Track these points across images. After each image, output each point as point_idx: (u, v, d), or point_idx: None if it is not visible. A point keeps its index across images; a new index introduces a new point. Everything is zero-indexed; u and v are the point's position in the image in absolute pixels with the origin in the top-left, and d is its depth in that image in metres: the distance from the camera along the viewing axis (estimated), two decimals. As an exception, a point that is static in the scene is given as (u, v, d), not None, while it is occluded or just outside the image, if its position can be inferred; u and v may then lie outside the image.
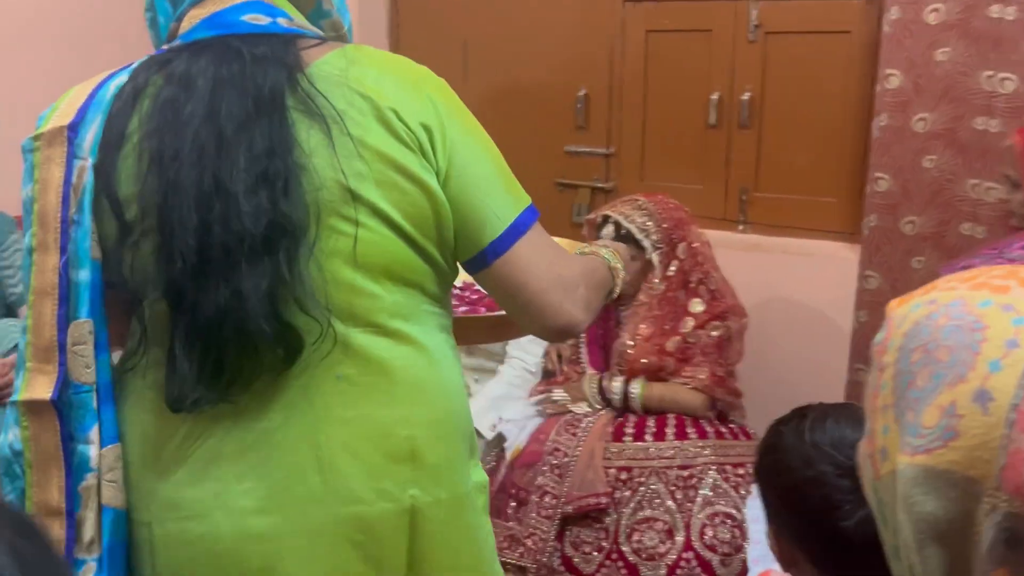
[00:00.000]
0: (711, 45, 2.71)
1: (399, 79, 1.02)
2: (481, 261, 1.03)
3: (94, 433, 0.97)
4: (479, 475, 1.13)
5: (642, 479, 2.10)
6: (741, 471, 2.12)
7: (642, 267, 2.26)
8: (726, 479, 2.10)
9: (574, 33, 2.93)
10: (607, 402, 2.26)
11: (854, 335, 2.52)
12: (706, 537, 2.02)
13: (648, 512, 2.05)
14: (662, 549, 2.00)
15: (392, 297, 1.00)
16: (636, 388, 2.22)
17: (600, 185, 3.00)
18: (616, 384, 2.24)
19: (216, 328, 0.92)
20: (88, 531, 0.97)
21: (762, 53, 2.64)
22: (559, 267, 1.08)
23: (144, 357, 1.00)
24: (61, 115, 1.00)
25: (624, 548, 2.03)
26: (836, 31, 2.53)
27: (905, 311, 0.65)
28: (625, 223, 2.25)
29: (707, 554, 2.00)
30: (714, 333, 2.25)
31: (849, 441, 0.99)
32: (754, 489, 1.95)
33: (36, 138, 1.00)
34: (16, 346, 1.88)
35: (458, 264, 1.08)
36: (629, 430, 2.18)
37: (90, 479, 0.97)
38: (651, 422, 2.20)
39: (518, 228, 1.03)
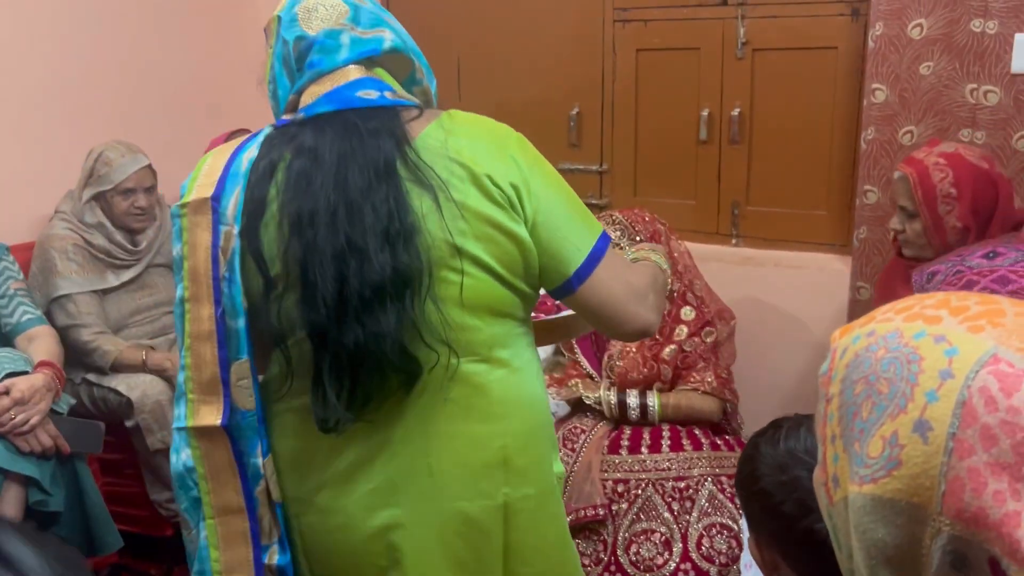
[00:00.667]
0: (700, 63, 2.75)
1: (488, 145, 1.20)
2: (568, 288, 1.22)
3: (259, 448, 1.19)
4: (559, 467, 1.33)
5: (639, 491, 2.12)
6: (737, 482, 2.14)
7: None
8: (722, 490, 2.12)
9: (566, 52, 2.97)
10: (623, 415, 2.27)
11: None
12: (703, 548, 2.03)
13: (645, 524, 2.07)
14: (660, 560, 2.02)
15: (491, 329, 1.20)
16: (653, 400, 2.24)
17: (594, 201, 3.04)
18: (632, 399, 2.25)
19: (358, 361, 1.11)
20: (267, 523, 1.21)
21: (750, 69, 2.68)
22: (631, 280, 1.27)
23: (289, 386, 1.19)
24: (202, 187, 1.18)
25: (622, 559, 2.05)
26: (822, 47, 2.57)
27: (847, 342, 0.68)
28: None
29: (704, 565, 2.01)
30: (708, 339, 2.29)
31: None
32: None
33: (183, 206, 1.19)
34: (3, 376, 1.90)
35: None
36: (625, 442, 2.20)
37: (262, 484, 1.20)
38: (647, 434, 2.23)
39: (596, 256, 1.22)
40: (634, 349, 2.28)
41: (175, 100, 2.99)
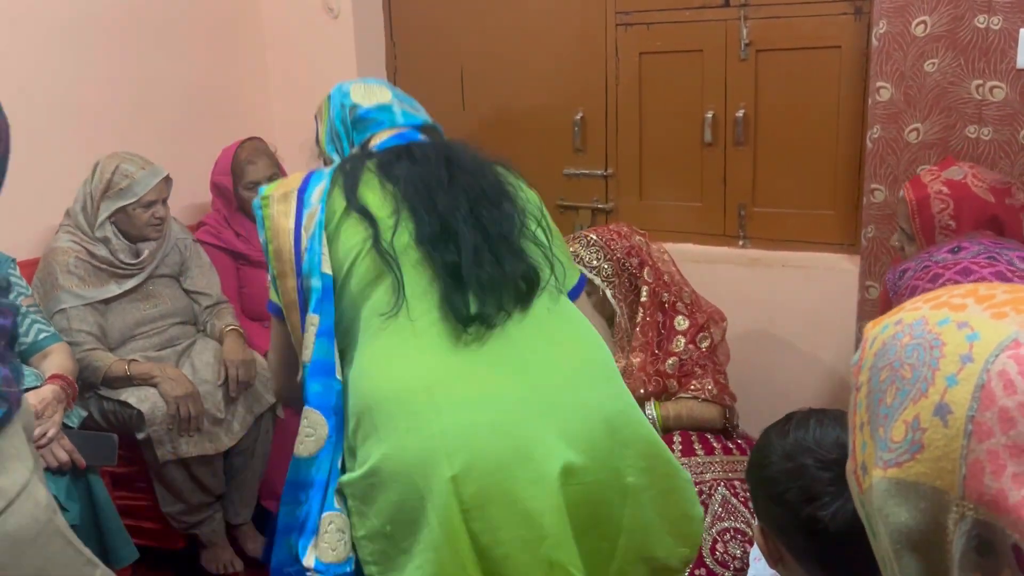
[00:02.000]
0: (703, 65, 2.75)
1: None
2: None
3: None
4: None
5: (651, 496, 2.11)
6: (749, 485, 2.12)
7: (602, 301, 2.30)
8: (735, 495, 2.10)
9: (569, 58, 2.97)
10: None
11: (858, 345, 2.53)
12: (717, 553, 2.02)
13: (658, 529, 2.06)
14: (673, 566, 2.00)
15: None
16: (652, 411, 2.23)
17: (600, 206, 3.03)
18: None
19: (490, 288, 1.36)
20: None
21: (754, 70, 2.67)
22: None
23: (397, 306, 1.35)
24: (286, 184, 1.46)
25: (635, 566, 2.03)
26: (826, 46, 2.56)
27: (876, 332, 0.69)
28: None
29: (719, 570, 2.00)
30: (703, 344, 2.27)
31: (832, 438, 1.03)
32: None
33: (264, 199, 1.45)
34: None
35: None
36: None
37: None
38: (658, 440, 2.21)
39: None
40: (637, 367, 2.27)
41: (181, 112, 2.99)
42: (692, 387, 2.25)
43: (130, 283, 2.47)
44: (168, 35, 2.94)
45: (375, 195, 1.42)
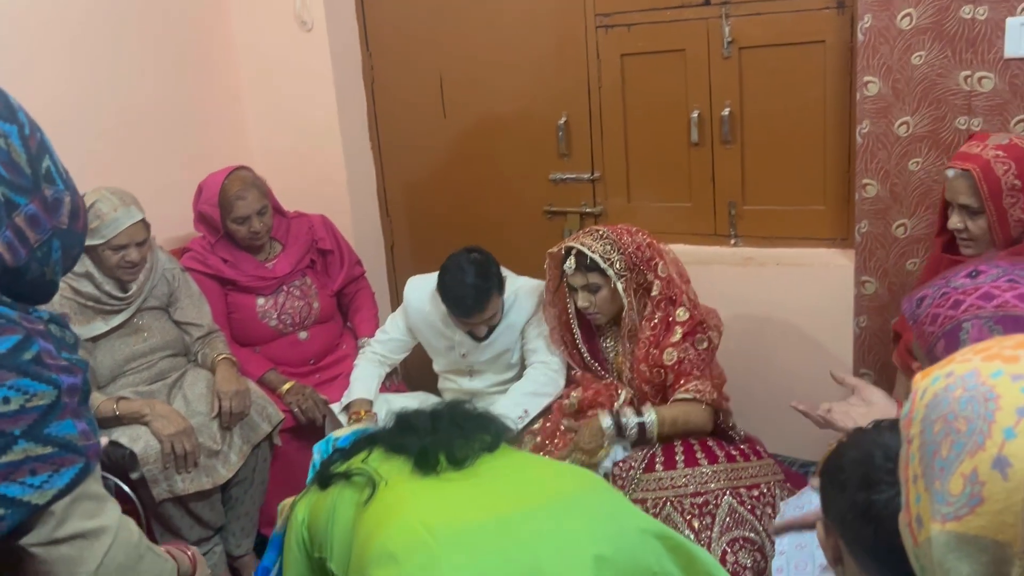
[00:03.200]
0: (686, 64, 2.71)
1: None
2: None
3: None
4: None
5: (656, 509, 2.08)
6: (756, 492, 2.10)
7: (612, 295, 2.27)
8: (741, 503, 2.08)
9: (550, 62, 2.93)
10: (620, 433, 2.22)
11: (856, 341, 2.52)
12: (728, 564, 2.00)
13: (667, 544, 2.03)
14: (685, 580, 1.98)
15: None
16: (650, 417, 2.19)
17: (588, 210, 3.00)
18: (631, 420, 2.20)
19: None
20: None
21: (738, 68, 2.64)
22: None
23: None
24: None
25: (646, 583, 2.01)
26: (809, 41, 2.53)
27: (926, 384, 0.69)
28: (588, 252, 2.25)
29: (731, 581, 1.98)
30: (701, 347, 2.25)
31: None
32: (782, 507, 1.94)
33: None
34: None
35: None
36: (640, 462, 2.17)
37: None
38: (659, 451, 2.19)
39: None
40: (639, 358, 2.25)
41: (155, 134, 2.93)
42: (688, 388, 2.22)
43: (117, 319, 2.41)
44: (139, 56, 2.88)
45: None
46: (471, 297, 2.42)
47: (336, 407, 2.66)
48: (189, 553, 1.50)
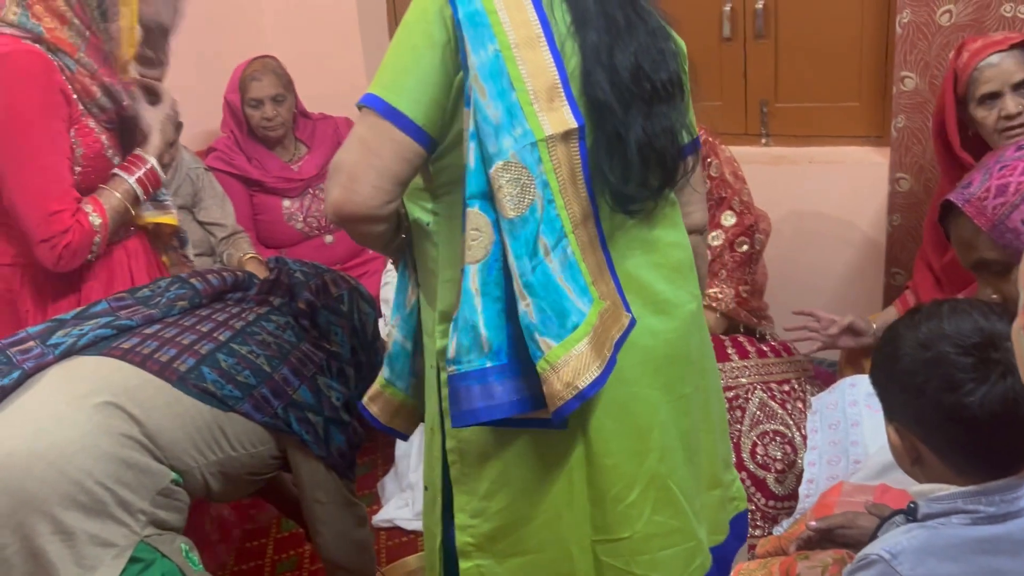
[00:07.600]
0: (720, -46, 2.62)
1: None
2: None
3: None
4: None
5: (687, 404, 2.09)
6: (786, 387, 2.11)
7: None
8: (772, 397, 2.09)
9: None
10: None
11: (889, 239, 2.48)
12: (758, 456, 2.02)
13: (698, 436, 2.05)
14: (715, 472, 2.00)
15: None
16: None
17: (615, 110, 2.94)
18: None
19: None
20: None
21: (774, -42, 2.55)
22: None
23: None
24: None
25: (677, 474, 2.03)
26: (849, -73, 2.43)
27: None
28: None
29: (760, 473, 2.00)
30: (741, 249, 2.22)
31: (970, 324, 0.99)
32: (812, 401, 1.94)
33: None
34: None
35: None
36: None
37: None
38: (692, 346, 2.18)
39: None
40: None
41: (180, 46, 2.86)
42: (709, 293, 2.20)
43: (142, 219, 2.40)
44: None
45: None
46: None
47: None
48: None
